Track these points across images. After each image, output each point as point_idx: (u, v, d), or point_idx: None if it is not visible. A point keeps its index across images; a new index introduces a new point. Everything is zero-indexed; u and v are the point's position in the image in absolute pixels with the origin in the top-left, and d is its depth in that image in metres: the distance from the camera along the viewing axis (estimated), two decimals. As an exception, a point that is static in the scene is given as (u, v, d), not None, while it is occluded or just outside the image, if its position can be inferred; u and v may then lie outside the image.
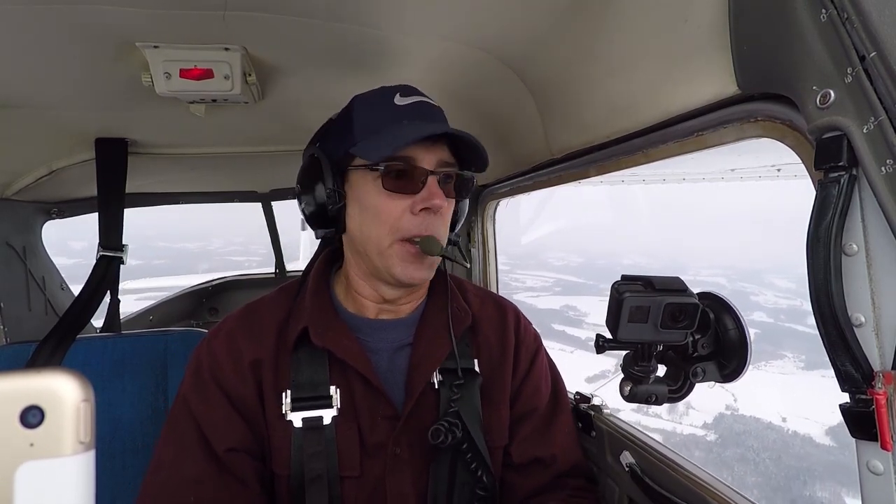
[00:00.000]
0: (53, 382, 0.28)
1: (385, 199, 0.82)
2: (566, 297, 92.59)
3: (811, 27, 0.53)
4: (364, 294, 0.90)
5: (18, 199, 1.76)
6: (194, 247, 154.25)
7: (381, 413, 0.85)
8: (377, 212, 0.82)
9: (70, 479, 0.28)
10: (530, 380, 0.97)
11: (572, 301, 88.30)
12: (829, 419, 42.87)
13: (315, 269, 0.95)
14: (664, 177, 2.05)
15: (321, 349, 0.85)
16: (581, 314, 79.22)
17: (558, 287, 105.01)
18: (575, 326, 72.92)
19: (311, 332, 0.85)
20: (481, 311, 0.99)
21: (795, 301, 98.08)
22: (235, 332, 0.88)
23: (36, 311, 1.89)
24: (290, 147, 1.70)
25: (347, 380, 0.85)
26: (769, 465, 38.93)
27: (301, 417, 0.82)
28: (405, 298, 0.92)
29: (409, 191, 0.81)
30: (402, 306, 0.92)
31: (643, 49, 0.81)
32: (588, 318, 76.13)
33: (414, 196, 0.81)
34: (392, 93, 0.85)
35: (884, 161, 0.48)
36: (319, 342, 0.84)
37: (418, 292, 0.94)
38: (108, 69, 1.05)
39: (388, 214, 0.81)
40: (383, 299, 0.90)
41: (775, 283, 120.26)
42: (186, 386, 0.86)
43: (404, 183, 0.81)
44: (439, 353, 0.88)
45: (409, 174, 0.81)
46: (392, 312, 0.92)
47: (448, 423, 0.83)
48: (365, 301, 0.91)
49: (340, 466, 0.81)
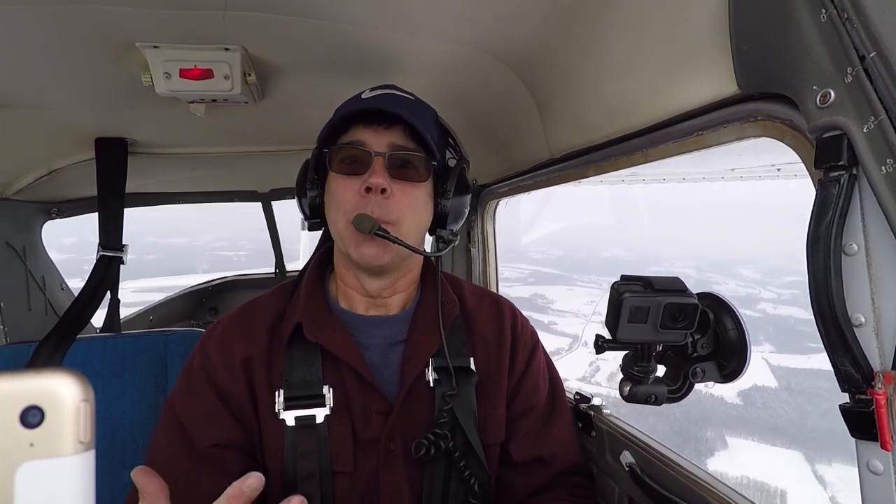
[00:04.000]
0: (53, 382, 0.28)
1: (338, 183, 0.85)
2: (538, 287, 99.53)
3: (811, 27, 0.53)
4: (350, 285, 0.92)
5: (18, 199, 1.76)
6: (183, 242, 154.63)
7: (374, 409, 0.85)
8: (335, 195, 0.85)
9: (70, 479, 0.28)
10: (528, 377, 0.97)
11: (543, 290, 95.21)
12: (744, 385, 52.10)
13: (311, 268, 0.96)
14: (664, 176, 2.05)
15: (314, 345, 0.86)
16: (549, 301, 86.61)
17: (532, 278, 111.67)
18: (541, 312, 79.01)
19: (304, 327, 0.86)
20: (477, 307, 0.99)
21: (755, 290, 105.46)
22: (228, 331, 0.89)
23: (36, 311, 1.89)
24: (290, 147, 1.70)
25: (341, 376, 0.86)
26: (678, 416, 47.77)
27: (294, 416, 0.82)
28: (388, 290, 0.91)
29: (358, 172, 0.83)
30: (388, 300, 0.92)
31: (643, 49, 0.81)
32: (554, 305, 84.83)
33: (363, 177, 0.83)
34: (366, 90, 0.89)
35: (884, 161, 0.48)
36: (312, 337, 0.85)
37: (400, 282, 0.93)
38: (107, 69, 1.05)
39: (340, 197, 0.84)
40: (367, 292, 0.90)
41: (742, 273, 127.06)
42: (175, 388, 0.88)
43: (354, 166, 0.84)
44: (430, 347, 0.89)
45: (356, 157, 0.84)
46: (381, 308, 0.92)
47: (434, 436, 0.83)
48: (353, 294, 0.92)
49: (333, 462, 0.82)
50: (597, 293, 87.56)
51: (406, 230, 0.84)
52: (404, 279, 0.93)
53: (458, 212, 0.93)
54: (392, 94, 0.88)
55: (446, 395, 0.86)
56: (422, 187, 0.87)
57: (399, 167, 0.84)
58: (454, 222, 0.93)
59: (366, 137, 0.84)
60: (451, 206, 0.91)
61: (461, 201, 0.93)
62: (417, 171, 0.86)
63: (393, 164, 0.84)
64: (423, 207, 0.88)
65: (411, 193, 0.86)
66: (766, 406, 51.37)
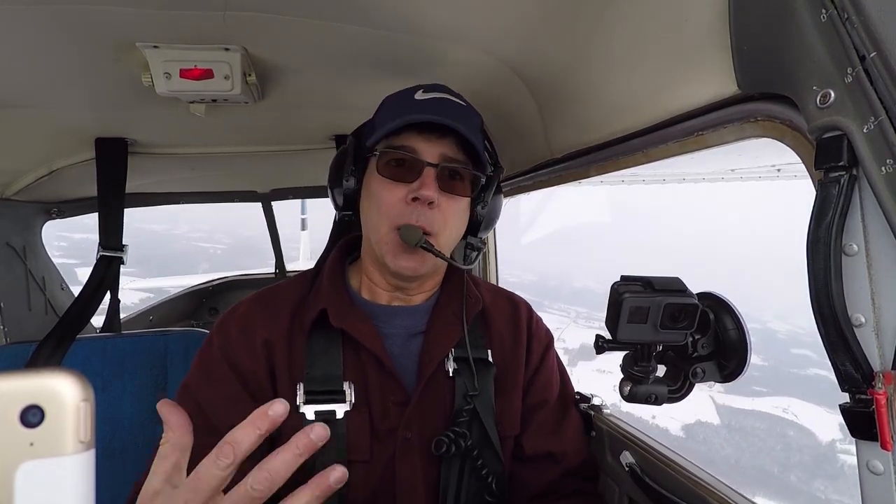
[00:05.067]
0: (53, 382, 0.28)
1: (383, 186, 0.84)
2: None
3: (811, 27, 0.53)
4: (375, 281, 0.92)
5: (18, 199, 1.76)
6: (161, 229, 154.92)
7: (392, 399, 0.85)
8: (377, 198, 0.85)
9: (70, 478, 0.28)
10: (542, 372, 0.98)
11: None
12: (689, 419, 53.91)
13: (331, 259, 0.97)
14: (664, 177, 2.05)
15: (336, 335, 0.86)
16: None
17: None
18: None
19: (329, 313, 0.86)
20: (494, 304, 1.01)
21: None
22: (250, 312, 0.89)
23: (36, 311, 1.89)
24: (290, 147, 1.70)
25: (361, 364, 0.86)
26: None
27: (314, 411, 0.82)
28: (416, 289, 0.93)
29: (406, 180, 0.83)
30: (413, 296, 0.94)
31: (643, 49, 0.81)
32: None
33: (410, 185, 0.82)
34: (417, 89, 0.88)
35: (884, 161, 0.48)
36: (338, 323, 0.85)
37: (428, 283, 0.94)
38: (108, 69, 1.05)
39: (384, 202, 0.83)
40: (393, 289, 0.91)
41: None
42: (193, 372, 0.87)
43: (402, 172, 0.83)
44: (451, 339, 0.90)
45: (407, 163, 0.83)
46: (404, 300, 0.93)
47: (454, 434, 0.83)
48: (377, 289, 0.92)
49: (350, 451, 0.82)
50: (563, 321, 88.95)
51: (444, 241, 0.85)
52: (432, 280, 0.95)
53: (491, 220, 0.94)
54: (446, 98, 0.87)
55: (468, 395, 0.87)
56: (465, 199, 0.88)
57: (448, 179, 0.85)
58: (485, 230, 0.95)
59: (418, 145, 0.83)
60: (486, 214, 0.92)
61: (496, 209, 0.95)
62: (465, 184, 0.87)
63: (442, 175, 0.84)
64: (463, 217, 0.89)
65: (455, 205, 0.86)
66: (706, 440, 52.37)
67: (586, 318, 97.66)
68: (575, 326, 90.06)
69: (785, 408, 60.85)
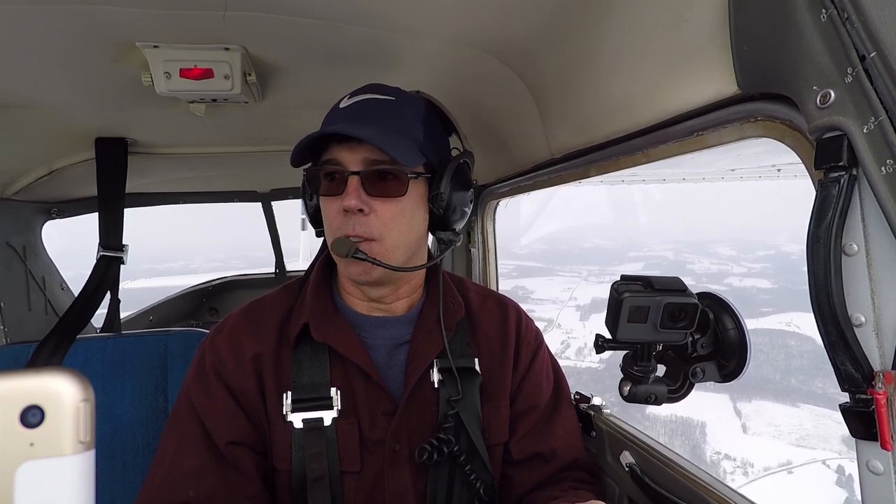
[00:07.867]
0: (53, 382, 0.28)
1: (323, 202, 0.85)
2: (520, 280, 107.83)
3: (811, 27, 0.53)
4: (350, 291, 0.92)
5: (18, 199, 1.76)
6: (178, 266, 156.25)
7: (380, 409, 0.85)
8: (323, 213, 0.86)
9: (70, 478, 0.28)
10: (531, 377, 0.97)
11: (524, 282, 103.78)
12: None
13: (317, 267, 0.96)
14: (664, 177, 2.05)
15: (322, 345, 0.86)
16: (528, 292, 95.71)
17: (515, 272, 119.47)
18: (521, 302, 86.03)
19: (311, 328, 0.85)
20: (482, 308, 0.99)
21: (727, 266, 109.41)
22: (238, 328, 0.89)
23: (36, 311, 1.88)
24: (289, 147, 1.68)
25: (348, 376, 0.86)
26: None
27: (301, 418, 0.82)
28: (391, 297, 0.91)
29: (336, 192, 0.82)
30: (391, 304, 0.92)
31: (643, 49, 0.81)
32: (533, 294, 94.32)
33: (341, 197, 0.81)
34: (345, 95, 0.86)
35: (884, 161, 0.48)
36: (320, 337, 0.85)
37: (402, 289, 0.92)
38: (108, 69, 1.05)
39: (327, 216, 0.84)
40: (369, 298, 0.90)
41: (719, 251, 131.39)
42: (189, 381, 0.87)
43: (333, 185, 0.82)
44: (433, 348, 0.89)
45: (333, 176, 0.82)
46: (384, 310, 0.92)
47: (437, 441, 0.83)
48: (353, 299, 0.92)
49: (341, 462, 0.82)
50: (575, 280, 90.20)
51: (391, 244, 0.82)
52: (407, 285, 0.93)
53: (458, 210, 0.88)
54: (370, 99, 0.84)
55: (451, 399, 0.86)
56: (405, 198, 0.83)
57: (378, 181, 0.81)
58: (457, 221, 0.89)
59: (340, 155, 0.81)
60: (447, 205, 0.86)
61: (460, 198, 0.88)
62: (399, 182, 0.82)
63: (370, 179, 0.80)
64: (412, 216, 0.85)
65: (392, 207, 0.82)
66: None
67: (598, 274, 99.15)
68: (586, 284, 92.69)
69: (788, 322, 63.67)
